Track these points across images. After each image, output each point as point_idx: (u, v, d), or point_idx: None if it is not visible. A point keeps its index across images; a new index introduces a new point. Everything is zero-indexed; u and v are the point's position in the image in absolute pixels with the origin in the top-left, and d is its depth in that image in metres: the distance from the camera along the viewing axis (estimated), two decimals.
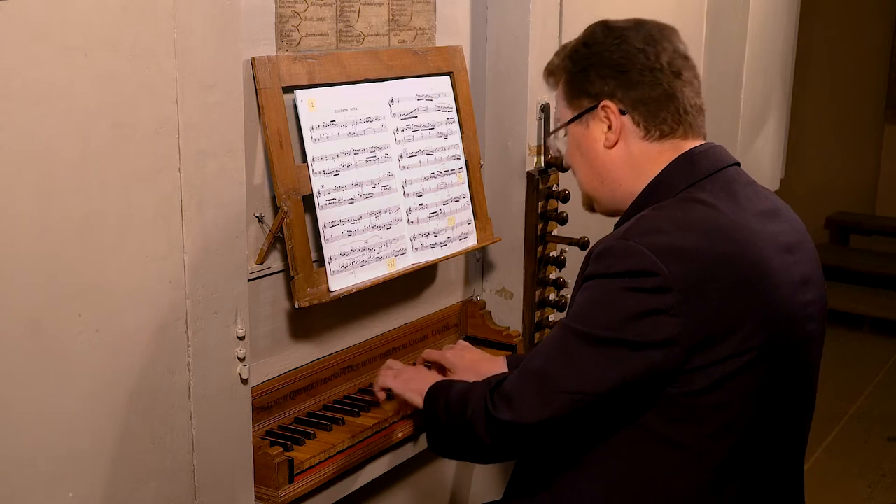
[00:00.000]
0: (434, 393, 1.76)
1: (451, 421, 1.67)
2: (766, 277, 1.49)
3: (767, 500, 1.58)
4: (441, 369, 2.04)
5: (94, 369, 1.44)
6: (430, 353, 2.08)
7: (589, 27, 1.69)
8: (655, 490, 1.52)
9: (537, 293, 2.45)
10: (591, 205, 1.76)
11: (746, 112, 3.32)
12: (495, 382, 1.61)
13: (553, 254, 2.46)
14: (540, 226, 2.41)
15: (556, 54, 1.74)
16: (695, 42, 3.22)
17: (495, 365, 2.01)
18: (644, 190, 1.62)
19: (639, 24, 1.64)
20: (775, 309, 1.49)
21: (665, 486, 1.51)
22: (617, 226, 1.66)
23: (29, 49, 1.30)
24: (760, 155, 3.50)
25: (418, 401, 1.82)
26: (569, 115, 1.70)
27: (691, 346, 1.44)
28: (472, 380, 1.97)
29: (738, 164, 1.66)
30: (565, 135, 1.74)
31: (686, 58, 1.64)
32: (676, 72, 1.61)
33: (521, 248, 2.42)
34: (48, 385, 1.38)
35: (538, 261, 2.43)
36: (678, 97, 1.61)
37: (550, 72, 1.75)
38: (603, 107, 1.63)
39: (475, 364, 2.02)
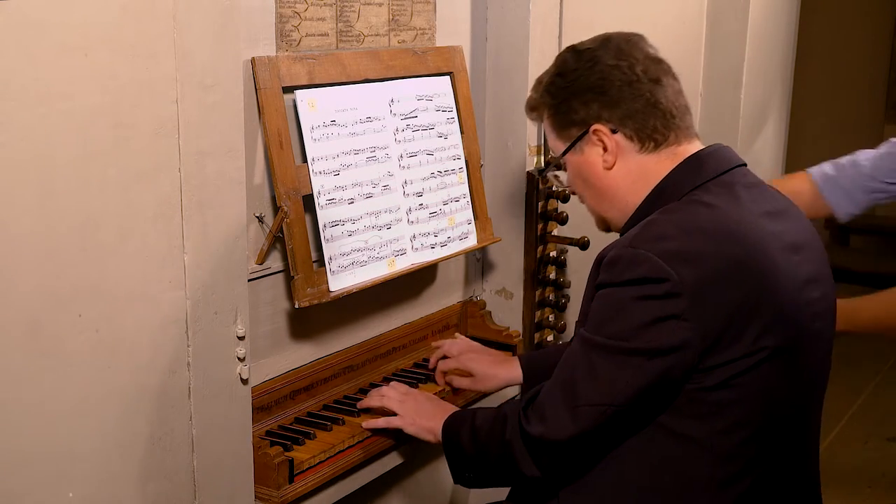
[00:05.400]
0: (451, 427, 1.77)
1: (484, 447, 1.67)
2: (773, 277, 1.50)
3: (781, 495, 1.59)
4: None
5: (94, 369, 1.44)
6: (446, 364, 2.12)
7: (558, 56, 1.70)
8: (666, 483, 1.53)
9: (537, 293, 2.45)
10: (606, 226, 1.75)
11: (746, 112, 3.32)
12: (527, 399, 1.63)
13: (553, 254, 2.46)
14: (540, 226, 2.41)
15: (533, 89, 1.73)
16: (695, 42, 3.22)
17: (511, 367, 2.06)
18: (648, 196, 1.62)
19: (605, 41, 1.65)
20: (782, 308, 1.50)
21: (675, 479, 1.53)
22: (623, 230, 1.66)
23: (29, 49, 1.30)
24: (760, 155, 3.49)
25: (430, 438, 1.84)
26: (561, 147, 1.69)
27: (704, 347, 1.46)
28: (491, 384, 2.08)
29: (745, 165, 1.66)
30: (564, 167, 1.73)
31: (659, 60, 1.64)
32: (654, 79, 1.61)
33: (521, 248, 2.42)
34: (48, 385, 1.38)
35: (538, 261, 2.43)
36: (662, 103, 1.61)
37: (532, 107, 1.74)
38: (594, 131, 1.63)
39: (493, 367, 2.07)
